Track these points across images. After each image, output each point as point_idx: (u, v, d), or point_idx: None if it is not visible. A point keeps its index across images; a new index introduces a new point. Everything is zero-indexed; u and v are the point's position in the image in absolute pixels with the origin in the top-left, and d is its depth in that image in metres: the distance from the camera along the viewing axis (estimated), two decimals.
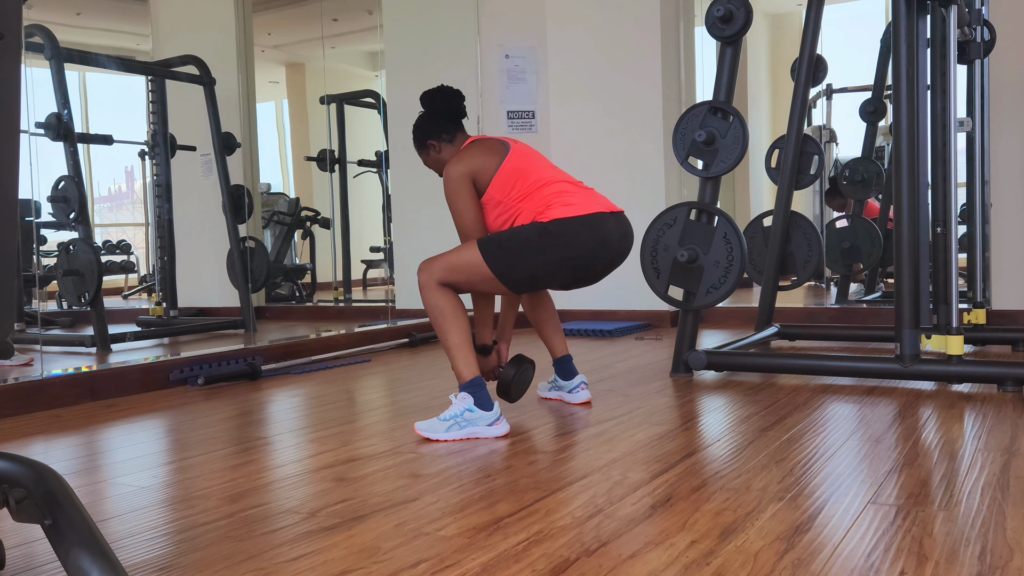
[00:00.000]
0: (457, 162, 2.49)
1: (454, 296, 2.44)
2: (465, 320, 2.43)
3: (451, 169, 2.48)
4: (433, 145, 2.60)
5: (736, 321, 5.11)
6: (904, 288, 2.87)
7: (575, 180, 2.57)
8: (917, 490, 1.76)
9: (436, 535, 1.57)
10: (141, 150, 5.17)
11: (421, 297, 2.44)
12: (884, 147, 5.57)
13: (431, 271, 2.42)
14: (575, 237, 2.42)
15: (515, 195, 2.47)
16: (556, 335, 2.83)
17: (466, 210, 2.49)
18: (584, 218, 2.43)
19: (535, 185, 2.47)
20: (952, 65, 3.01)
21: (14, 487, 1.23)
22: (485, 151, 2.52)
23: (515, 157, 2.51)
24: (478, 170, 2.48)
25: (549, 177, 2.51)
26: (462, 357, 2.40)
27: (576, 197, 2.47)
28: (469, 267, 2.42)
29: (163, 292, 5.15)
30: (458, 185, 2.47)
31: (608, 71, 5.12)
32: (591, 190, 2.56)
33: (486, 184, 2.48)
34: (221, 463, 2.19)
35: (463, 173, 2.47)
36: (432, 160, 2.63)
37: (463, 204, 2.48)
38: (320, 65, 6.30)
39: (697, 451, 2.15)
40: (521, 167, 2.49)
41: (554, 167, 2.58)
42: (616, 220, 2.52)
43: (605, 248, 2.47)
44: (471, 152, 2.52)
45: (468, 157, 2.50)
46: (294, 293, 6.37)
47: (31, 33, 4.18)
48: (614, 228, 2.49)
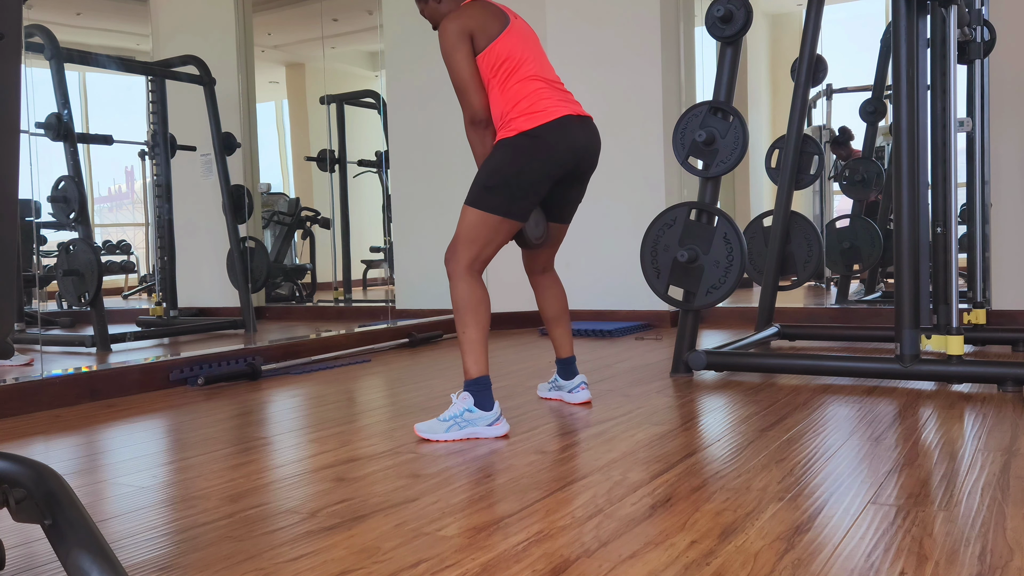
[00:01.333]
0: (457, 17, 2.48)
1: (481, 289, 2.44)
2: (486, 317, 2.43)
3: (450, 23, 2.47)
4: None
5: (736, 321, 5.11)
6: (904, 288, 2.87)
7: (554, 79, 2.57)
8: (917, 490, 1.76)
9: (436, 535, 1.57)
10: (141, 150, 5.17)
11: (449, 286, 2.44)
12: (884, 147, 5.57)
13: (456, 256, 2.43)
14: (541, 143, 2.44)
15: (499, 76, 2.47)
16: (565, 335, 2.83)
17: (463, 65, 2.48)
18: (547, 125, 2.45)
19: (515, 74, 2.47)
20: (952, 65, 3.02)
21: (14, 487, 1.23)
22: (487, 14, 2.51)
23: (512, 34, 2.51)
24: (476, 30, 2.48)
25: (529, 70, 2.50)
26: (474, 354, 2.40)
27: (545, 102, 2.47)
28: (477, 227, 2.43)
29: (163, 292, 5.15)
30: (457, 40, 2.46)
31: (608, 71, 5.12)
32: (565, 92, 2.57)
33: (481, 49, 2.48)
34: (221, 463, 2.19)
35: (462, 29, 2.46)
36: (430, 10, 2.60)
37: (460, 58, 2.47)
38: (320, 65, 6.30)
39: (697, 451, 2.15)
40: (513, 51, 2.49)
41: (541, 59, 2.58)
42: (581, 122, 2.54)
43: (572, 148, 2.50)
44: (472, 10, 2.51)
45: (469, 15, 2.49)
46: (294, 293, 6.37)
47: (31, 33, 4.18)
48: (579, 129, 2.51)
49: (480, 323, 2.41)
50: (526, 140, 2.43)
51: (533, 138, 2.43)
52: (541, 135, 2.43)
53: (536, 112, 2.45)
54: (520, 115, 2.45)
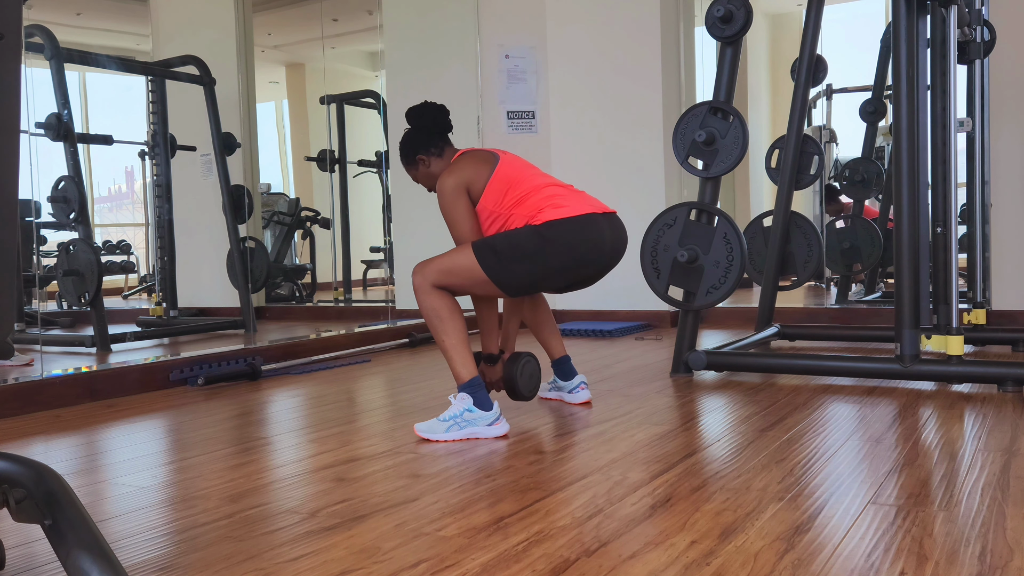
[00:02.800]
0: (450, 174, 2.49)
1: (449, 298, 2.44)
2: (461, 321, 2.43)
3: (445, 181, 2.48)
4: (423, 160, 2.59)
5: (736, 321, 5.11)
6: (904, 288, 2.87)
7: (565, 184, 2.57)
8: (917, 490, 1.76)
9: (436, 535, 1.57)
10: (141, 150, 5.16)
11: (416, 299, 2.44)
12: (884, 147, 5.57)
13: (425, 274, 2.42)
14: (569, 238, 2.41)
15: (508, 202, 2.46)
16: (553, 337, 2.83)
17: (463, 220, 2.48)
18: (577, 219, 2.43)
19: (527, 191, 2.47)
20: (952, 65, 3.01)
21: (14, 487, 1.23)
22: (476, 162, 2.52)
23: (505, 166, 2.51)
24: (471, 179, 2.48)
25: (540, 183, 2.50)
26: (459, 358, 2.40)
27: (567, 200, 2.47)
28: (464, 270, 2.42)
29: (163, 292, 5.15)
30: (454, 196, 2.47)
31: (608, 71, 5.12)
32: (582, 192, 2.56)
33: (479, 194, 2.48)
34: (221, 463, 2.19)
35: (457, 183, 2.47)
36: (422, 175, 2.62)
37: (460, 214, 2.48)
38: (320, 65, 6.30)
39: (697, 451, 2.15)
40: (512, 175, 2.49)
41: (544, 173, 2.58)
42: (609, 221, 2.51)
43: (599, 249, 2.47)
44: (462, 163, 2.52)
45: (460, 168, 2.50)
46: (294, 293, 6.37)
47: (31, 33, 4.18)
48: (607, 229, 2.49)
49: (457, 328, 2.41)
50: (551, 230, 2.41)
51: (558, 230, 2.40)
52: (567, 228, 2.41)
53: (562, 207, 2.43)
54: (547, 209, 2.43)
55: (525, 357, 2.65)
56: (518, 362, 2.63)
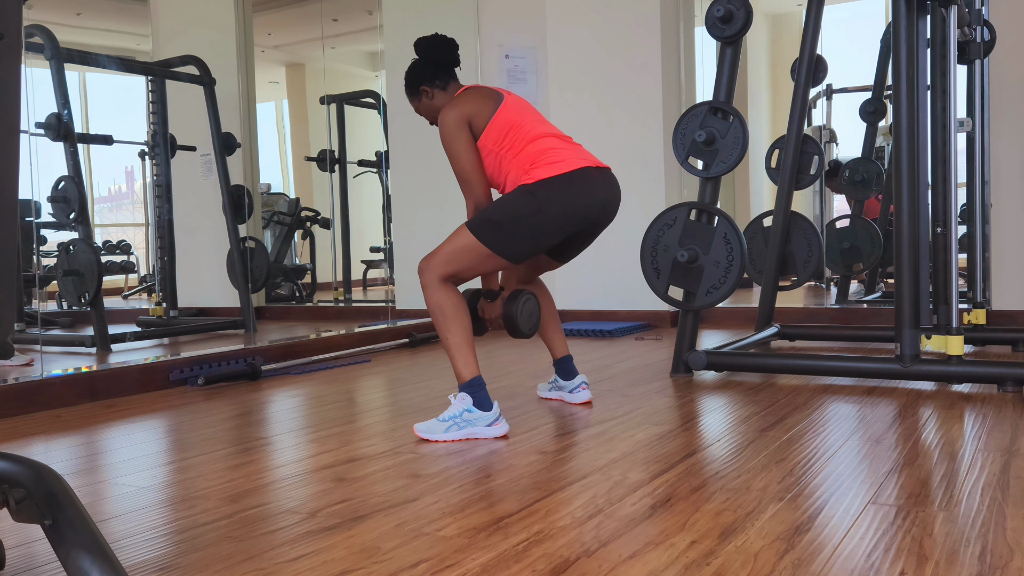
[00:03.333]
0: (453, 107, 2.50)
1: (456, 295, 2.44)
2: (466, 320, 2.43)
3: (448, 113, 2.49)
4: (426, 91, 2.59)
5: (736, 321, 5.11)
6: (904, 288, 2.87)
7: (564, 135, 2.57)
8: (917, 490, 1.76)
9: (436, 535, 1.57)
10: (141, 150, 5.16)
11: (424, 296, 2.44)
12: (884, 147, 5.57)
13: (432, 267, 2.43)
14: (561, 195, 2.42)
15: (506, 145, 2.48)
16: (557, 336, 2.83)
17: (464, 153, 2.49)
18: (570, 175, 2.44)
19: (525, 139, 2.48)
20: (952, 65, 3.01)
21: (14, 487, 1.23)
22: (481, 98, 2.53)
23: (509, 107, 2.52)
24: (474, 115, 2.49)
25: (539, 131, 2.51)
26: (462, 357, 2.40)
27: (563, 153, 2.47)
28: (466, 251, 2.42)
29: (163, 292, 5.15)
30: (456, 129, 2.48)
31: (608, 71, 5.12)
32: (578, 146, 2.56)
33: (480, 130, 2.49)
34: (221, 463, 2.19)
35: (460, 117, 2.48)
36: (424, 107, 2.62)
37: (461, 148, 2.48)
38: (320, 65, 6.30)
39: (697, 451, 2.15)
40: (514, 119, 2.50)
41: (545, 121, 2.59)
42: (602, 174, 2.53)
43: (592, 203, 2.49)
44: (467, 98, 2.52)
45: (464, 102, 2.51)
46: (294, 293, 6.37)
47: (31, 33, 4.18)
48: (600, 182, 2.50)
49: (462, 326, 2.41)
50: (544, 188, 2.42)
51: (551, 187, 2.41)
52: (560, 184, 2.42)
53: (555, 163, 2.44)
54: (540, 165, 2.44)
55: (525, 295, 2.63)
56: (518, 299, 2.61)
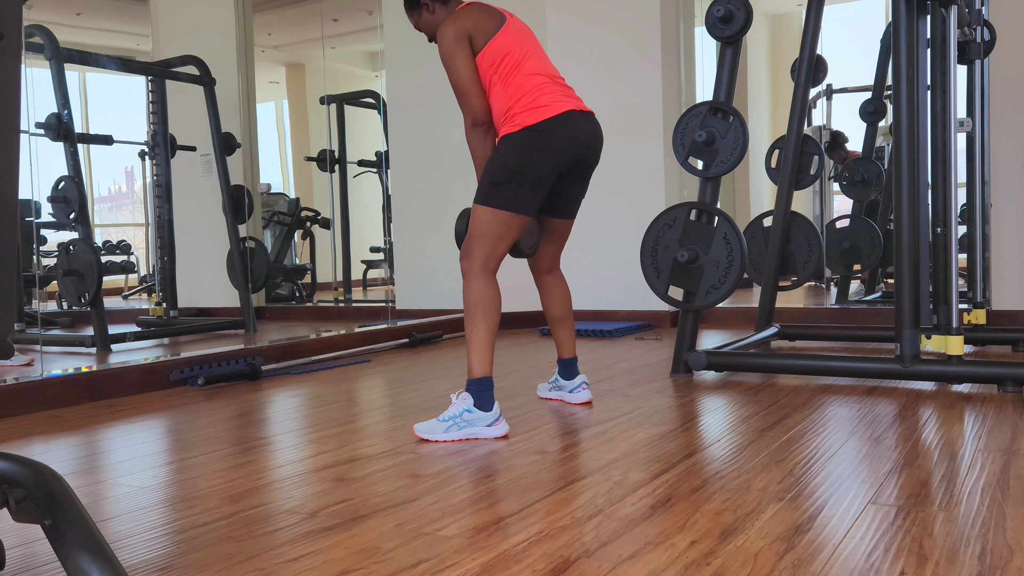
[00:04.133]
0: (454, 20, 2.50)
1: (494, 289, 2.45)
2: (496, 318, 2.44)
3: (448, 27, 2.49)
4: (427, 5, 2.59)
5: (736, 321, 5.11)
6: (904, 288, 2.87)
7: (554, 74, 2.58)
8: (917, 490, 1.76)
9: (436, 535, 1.57)
10: (141, 150, 5.17)
11: (463, 284, 2.45)
12: (884, 147, 5.57)
13: (471, 255, 2.44)
14: (545, 137, 2.44)
15: (499, 73, 2.48)
16: (569, 335, 2.83)
17: (463, 66, 2.49)
18: (552, 120, 2.45)
19: (516, 70, 2.49)
20: (952, 65, 3.01)
21: (14, 487, 1.23)
22: (483, 15, 2.53)
23: (510, 31, 2.52)
24: (474, 31, 2.49)
25: (532, 67, 2.52)
26: (480, 353, 2.40)
27: (548, 96, 2.48)
28: (488, 225, 2.44)
29: (163, 292, 5.15)
30: (455, 43, 2.47)
31: (608, 71, 5.12)
32: (568, 88, 2.58)
33: (480, 48, 2.49)
34: (221, 463, 2.19)
35: (460, 31, 2.48)
36: (424, 21, 2.62)
37: (460, 61, 2.48)
38: (320, 65, 6.30)
39: (697, 451, 2.15)
40: (512, 46, 2.50)
41: (541, 55, 2.60)
42: (584, 117, 2.55)
43: (577, 143, 2.51)
44: (468, 13, 2.52)
45: (464, 17, 2.51)
46: (294, 293, 6.37)
47: (31, 33, 4.18)
48: (582, 123, 2.52)
49: (489, 323, 2.42)
50: (530, 135, 2.44)
51: (537, 132, 2.44)
52: (545, 129, 2.44)
53: (539, 107, 2.46)
54: (523, 110, 2.46)
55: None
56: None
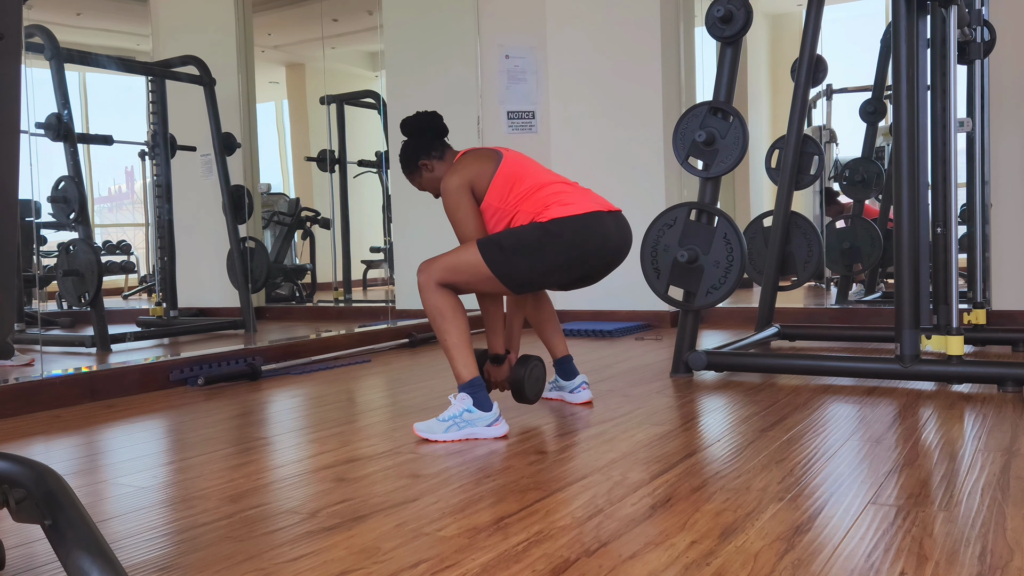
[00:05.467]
0: (453, 173, 2.49)
1: (453, 297, 2.43)
2: (464, 321, 2.43)
3: (449, 181, 2.48)
4: (425, 165, 2.59)
5: (736, 321, 5.11)
6: (904, 288, 2.87)
7: (571, 181, 2.57)
8: (917, 490, 1.76)
9: (436, 535, 1.57)
10: (141, 150, 5.16)
11: (421, 298, 2.44)
12: (884, 147, 5.57)
13: (430, 272, 2.42)
14: (574, 236, 2.41)
15: (513, 198, 2.47)
16: (556, 336, 2.83)
17: (468, 219, 2.48)
18: (582, 216, 2.43)
19: (532, 188, 2.47)
20: (952, 65, 3.01)
21: (14, 487, 1.23)
22: (479, 159, 2.52)
23: (509, 163, 2.51)
24: (475, 178, 2.48)
25: (545, 179, 2.51)
26: (461, 358, 2.40)
27: (573, 197, 2.47)
28: (469, 267, 2.42)
29: (163, 292, 5.15)
30: (458, 195, 2.47)
31: (608, 71, 5.12)
32: (588, 190, 2.56)
33: (483, 191, 2.48)
34: (221, 463, 2.19)
35: (461, 183, 2.47)
36: (426, 180, 2.61)
37: (464, 214, 2.48)
38: (320, 65, 6.30)
39: (697, 451, 2.15)
40: (516, 172, 2.50)
41: (548, 170, 2.59)
42: (614, 218, 2.52)
43: (604, 246, 2.47)
44: (465, 162, 2.52)
45: (463, 167, 2.50)
46: (294, 293, 6.37)
47: (31, 33, 4.18)
48: (612, 226, 2.50)
49: (460, 327, 2.41)
50: (556, 226, 2.41)
51: (564, 227, 2.41)
52: (573, 225, 2.41)
53: (568, 204, 2.44)
54: (554, 205, 2.43)
55: (534, 361, 2.66)
56: (527, 365, 2.65)
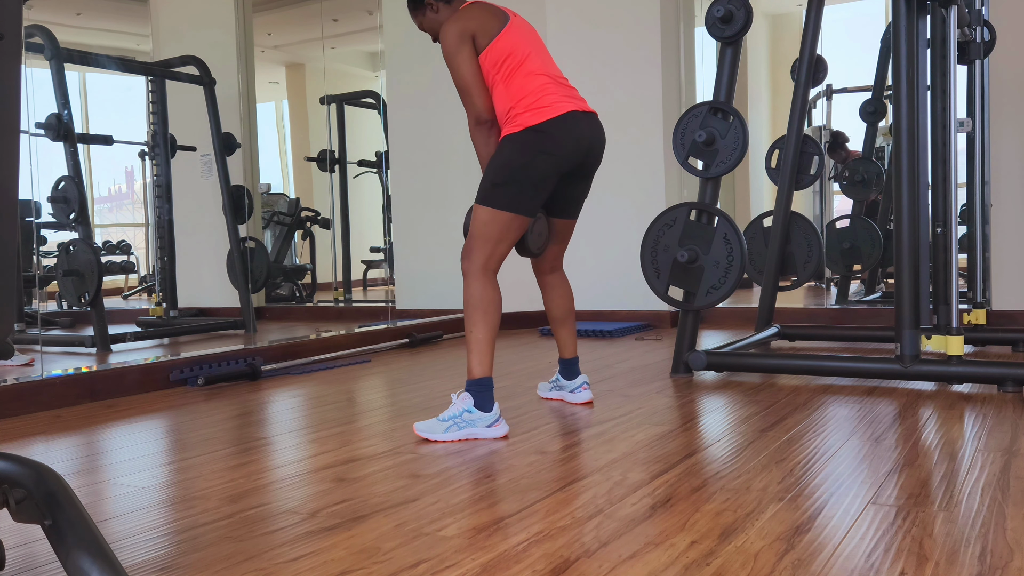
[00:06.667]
0: (458, 20, 2.50)
1: (494, 290, 2.44)
2: (496, 318, 2.44)
3: (451, 26, 2.49)
4: (431, 4, 2.59)
5: (736, 321, 5.11)
6: (904, 288, 2.87)
7: (556, 75, 2.58)
8: (917, 490, 1.75)
9: (436, 535, 1.57)
10: (141, 150, 5.17)
11: (463, 284, 2.45)
12: (884, 147, 5.57)
13: (471, 255, 2.44)
14: (547, 138, 2.44)
15: (501, 72, 2.49)
16: (571, 336, 2.83)
17: (466, 65, 2.49)
18: (556, 119, 2.45)
19: (518, 70, 2.49)
20: (952, 65, 3.01)
21: (14, 487, 1.23)
22: (486, 14, 2.53)
23: (513, 30, 2.52)
24: (478, 30, 2.49)
25: (535, 67, 2.52)
26: (480, 354, 2.40)
27: (550, 97, 2.48)
28: (488, 225, 2.43)
29: (163, 292, 5.15)
30: (459, 43, 2.48)
31: (608, 71, 5.12)
32: (571, 88, 2.58)
33: (483, 48, 2.49)
34: (221, 463, 2.19)
35: (463, 31, 2.48)
36: (429, 21, 2.62)
37: (463, 59, 2.49)
38: (320, 65, 6.30)
39: (697, 451, 2.15)
40: (515, 46, 2.51)
41: (544, 54, 2.60)
42: (587, 118, 2.55)
43: (578, 143, 2.51)
44: (472, 12, 2.53)
45: (467, 16, 2.51)
46: (294, 293, 6.37)
47: (31, 33, 4.18)
48: (584, 124, 2.53)
49: (489, 324, 2.42)
50: (532, 135, 2.44)
51: (539, 133, 2.44)
52: (547, 130, 2.44)
53: (541, 108, 2.46)
54: (525, 111, 2.45)
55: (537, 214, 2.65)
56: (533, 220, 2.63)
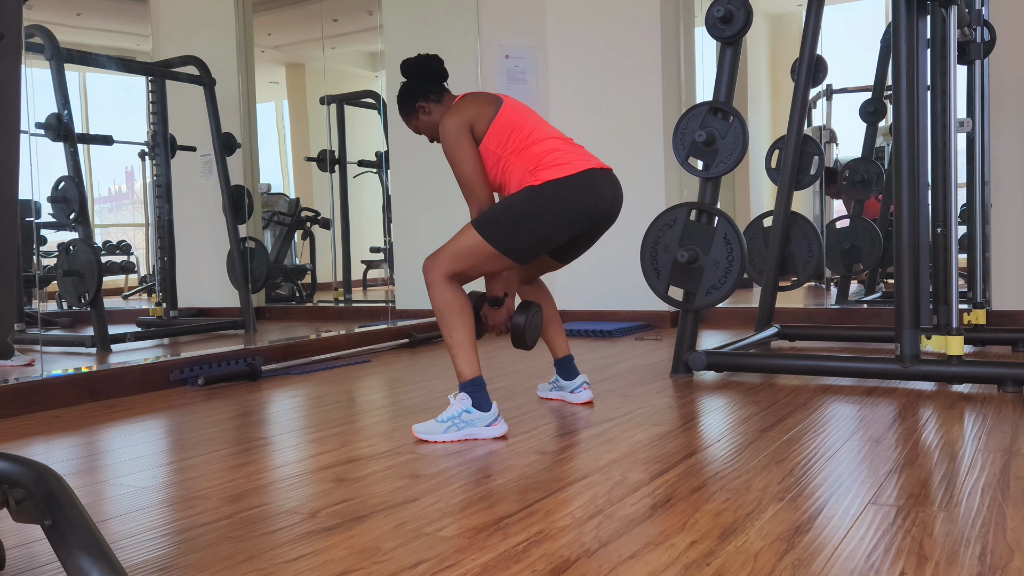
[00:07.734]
0: (454, 114, 2.50)
1: (461, 294, 2.44)
2: (471, 319, 2.43)
3: (449, 121, 2.49)
4: (423, 107, 2.59)
5: (736, 321, 5.11)
6: (904, 288, 2.87)
7: (566, 137, 2.58)
8: (917, 491, 1.76)
9: (436, 535, 1.57)
10: (141, 150, 5.16)
11: (428, 293, 2.43)
12: (884, 147, 5.57)
13: (437, 266, 2.42)
14: (568, 196, 2.43)
15: (509, 148, 2.48)
16: (558, 335, 2.83)
17: (467, 159, 2.48)
18: (575, 177, 2.44)
19: (528, 140, 2.48)
20: (952, 65, 3.01)
21: (14, 487, 1.23)
22: (480, 102, 2.53)
23: (509, 110, 2.52)
24: (474, 119, 2.49)
25: (541, 133, 2.52)
26: (464, 356, 2.40)
27: (567, 155, 2.48)
28: (472, 250, 2.42)
29: (163, 292, 5.14)
30: (458, 135, 2.47)
31: (608, 71, 5.12)
32: (581, 147, 2.57)
33: (482, 134, 2.49)
34: (221, 463, 2.19)
35: (461, 123, 2.48)
36: (423, 123, 2.61)
37: (464, 153, 2.48)
38: (320, 65, 6.30)
39: (697, 451, 2.15)
40: (515, 120, 2.51)
41: (546, 123, 2.59)
42: (607, 176, 2.54)
43: (597, 204, 2.49)
44: (465, 104, 2.53)
45: (463, 108, 2.51)
46: (294, 293, 6.37)
47: (31, 33, 4.18)
48: (605, 184, 2.51)
49: (466, 325, 2.41)
50: (550, 189, 2.42)
51: (557, 188, 2.42)
52: (566, 186, 2.42)
53: (561, 164, 2.45)
54: (545, 167, 2.44)
55: (534, 307, 2.64)
56: (527, 311, 2.62)
